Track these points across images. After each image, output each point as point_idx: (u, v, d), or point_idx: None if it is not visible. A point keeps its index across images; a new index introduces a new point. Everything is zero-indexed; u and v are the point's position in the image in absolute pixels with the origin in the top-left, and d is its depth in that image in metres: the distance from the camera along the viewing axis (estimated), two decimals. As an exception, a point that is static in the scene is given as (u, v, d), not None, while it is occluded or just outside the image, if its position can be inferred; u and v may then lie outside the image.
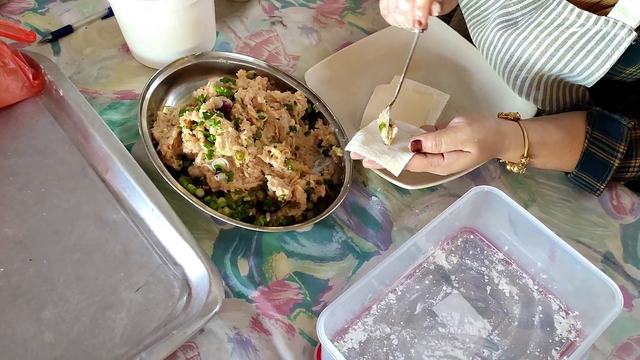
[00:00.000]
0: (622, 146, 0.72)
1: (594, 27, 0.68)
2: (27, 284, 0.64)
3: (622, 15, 0.67)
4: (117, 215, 0.70)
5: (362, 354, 0.62)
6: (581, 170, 0.75)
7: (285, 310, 0.67)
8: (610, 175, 0.74)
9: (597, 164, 0.74)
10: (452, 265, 0.69)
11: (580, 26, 0.69)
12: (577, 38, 0.70)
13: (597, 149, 0.73)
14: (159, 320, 0.63)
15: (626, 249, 0.76)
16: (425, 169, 0.68)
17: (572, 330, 0.65)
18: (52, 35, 0.87)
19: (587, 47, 0.69)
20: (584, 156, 0.74)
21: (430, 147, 0.66)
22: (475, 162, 0.69)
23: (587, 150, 0.73)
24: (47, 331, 0.61)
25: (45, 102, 0.79)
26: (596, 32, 0.68)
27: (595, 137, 0.73)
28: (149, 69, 0.86)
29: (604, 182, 0.74)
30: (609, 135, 0.73)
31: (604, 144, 0.73)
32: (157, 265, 0.67)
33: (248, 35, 0.93)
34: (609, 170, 0.73)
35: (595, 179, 0.75)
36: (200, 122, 0.72)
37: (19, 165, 0.73)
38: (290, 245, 0.72)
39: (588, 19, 0.68)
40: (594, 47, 0.69)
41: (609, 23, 0.67)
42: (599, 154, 0.73)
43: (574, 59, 0.71)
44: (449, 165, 0.68)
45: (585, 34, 0.69)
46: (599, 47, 0.69)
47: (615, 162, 0.73)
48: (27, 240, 0.67)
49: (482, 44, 0.81)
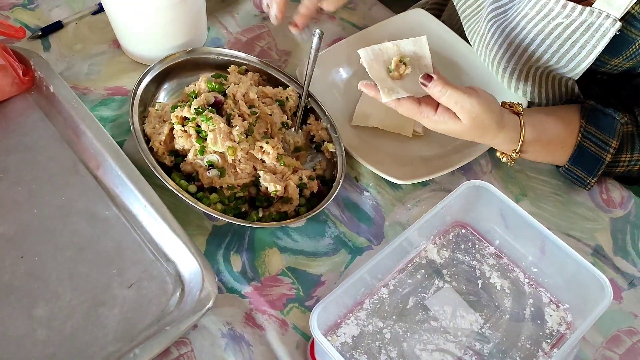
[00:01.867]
0: (614, 141, 0.73)
1: (579, 17, 0.69)
2: (18, 282, 0.64)
3: (607, 6, 0.67)
4: (109, 211, 0.70)
5: (355, 348, 0.62)
6: (573, 164, 0.75)
7: (279, 305, 0.67)
8: (601, 169, 0.74)
9: (589, 158, 0.74)
10: (444, 259, 0.70)
11: (565, 17, 0.70)
12: (562, 29, 0.70)
13: (590, 143, 0.74)
14: (152, 317, 0.63)
15: (616, 242, 0.77)
16: (414, 115, 0.67)
17: (562, 323, 0.66)
18: (42, 31, 0.87)
19: (572, 38, 0.70)
20: (577, 150, 0.74)
21: (435, 91, 0.64)
22: (461, 133, 0.67)
23: (580, 144, 0.74)
24: (40, 328, 0.61)
25: (36, 99, 0.78)
26: (581, 22, 0.69)
27: (588, 131, 0.74)
28: (140, 65, 0.85)
29: (595, 177, 0.75)
30: (602, 130, 0.73)
31: (597, 139, 0.73)
32: (149, 262, 0.67)
33: (239, 31, 0.93)
34: (601, 165, 0.74)
35: (586, 173, 0.75)
36: (192, 118, 0.72)
37: (9, 162, 0.72)
38: (283, 240, 0.72)
39: (573, 9, 0.69)
40: (579, 37, 0.69)
41: (593, 13, 0.68)
42: (591, 148, 0.74)
43: (560, 50, 0.71)
44: (436, 123, 0.67)
45: (571, 24, 0.70)
46: (584, 37, 0.69)
47: (608, 156, 0.73)
48: (19, 238, 0.67)
49: (475, 37, 0.81)
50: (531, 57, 0.73)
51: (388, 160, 0.78)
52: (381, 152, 0.80)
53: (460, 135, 0.69)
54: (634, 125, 0.75)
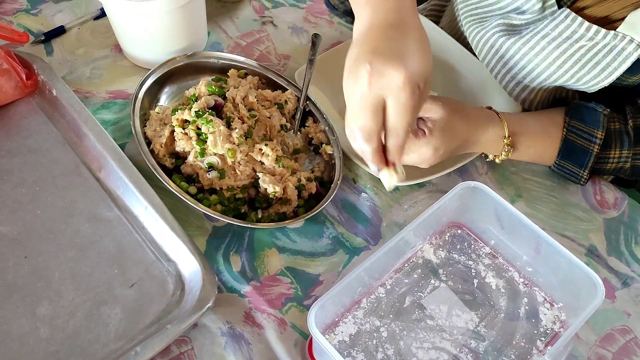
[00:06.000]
0: (599, 132, 0.74)
1: (602, 40, 0.70)
2: (22, 281, 0.65)
3: (631, 30, 0.68)
4: (111, 213, 0.71)
5: (352, 346, 0.63)
6: (563, 158, 0.76)
7: (277, 304, 0.68)
8: (591, 161, 0.75)
9: (577, 151, 0.75)
10: (440, 259, 0.71)
11: (589, 40, 0.71)
12: (585, 51, 0.71)
13: (575, 137, 0.75)
14: (153, 315, 0.64)
15: (609, 242, 0.78)
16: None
17: (556, 322, 0.67)
18: (45, 35, 0.88)
19: (594, 60, 0.71)
20: (564, 144, 0.75)
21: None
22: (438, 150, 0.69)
23: (566, 138, 0.75)
24: (43, 327, 0.62)
25: (39, 102, 0.79)
26: (604, 45, 0.70)
27: (572, 126, 0.75)
28: (141, 68, 0.87)
29: (586, 169, 0.76)
30: (586, 123, 0.75)
31: (582, 131, 0.75)
32: (150, 262, 0.68)
33: (239, 35, 0.94)
34: (590, 157, 0.75)
35: (577, 166, 0.76)
36: (192, 121, 0.73)
37: (13, 164, 0.73)
38: (282, 241, 0.73)
39: (597, 32, 0.70)
40: (601, 59, 0.70)
41: (617, 37, 0.69)
42: (578, 141, 0.75)
43: (580, 71, 0.72)
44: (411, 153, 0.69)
45: (594, 47, 0.70)
46: (606, 60, 0.70)
47: (595, 147, 0.74)
48: (22, 238, 0.68)
49: (481, 45, 0.82)
50: (550, 76, 0.74)
51: (385, 162, 0.79)
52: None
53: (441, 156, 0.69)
54: (622, 123, 0.76)
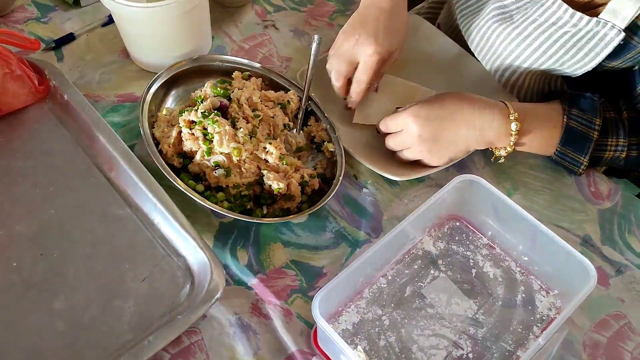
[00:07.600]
0: (598, 119, 0.76)
1: (585, 27, 0.72)
2: (38, 277, 0.67)
3: (612, 17, 0.71)
4: (122, 211, 0.73)
5: (355, 334, 0.66)
6: (564, 145, 0.77)
7: (283, 296, 0.70)
8: (591, 148, 0.76)
9: (578, 137, 0.76)
10: (440, 250, 0.73)
11: (572, 26, 0.73)
12: (569, 37, 0.74)
13: (576, 124, 0.76)
14: (164, 308, 0.66)
15: (603, 232, 0.80)
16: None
17: (552, 308, 0.69)
18: (56, 42, 0.91)
19: (577, 45, 0.73)
20: (565, 131, 0.76)
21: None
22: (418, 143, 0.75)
23: (567, 124, 0.76)
24: (60, 320, 0.65)
25: (51, 107, 0.82)
26: (587, 31, 0.72)
27: (572, 113, 0.76)
28: (149, 72, 0.89)
29: (586, 155, 0.77)
30: (585, 111, 0.76)
31: (582, 118, 0.76)
32: (161, 257, 0.70)
33: (242, 39, 0.97)
34: (590, 143, 0.76)
35: (578, 152, 0.77)
36: (198, 122, 0.75)
37: (27, 166, 0.76)
38: (287, 235, 0.76)
39: (580, 19, 0.73)
40: (584, 45, 0.73)
41: (599, 24, 0.71)
42: (578, 127, 0.76)
43: (564, 56, 0.75)
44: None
45: (577, 33, 0.73)
46: (589, 45, 0.73)
47: (594, 134, 0.76)
48: (38, 237, 0.70)
49: (474, 36, 0.84)
50: (535, 61, 0.76)
51: (385, 158, 0.82)
52: (379, 150, 0.83)
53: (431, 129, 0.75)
54: (616, 112, 0.78)
